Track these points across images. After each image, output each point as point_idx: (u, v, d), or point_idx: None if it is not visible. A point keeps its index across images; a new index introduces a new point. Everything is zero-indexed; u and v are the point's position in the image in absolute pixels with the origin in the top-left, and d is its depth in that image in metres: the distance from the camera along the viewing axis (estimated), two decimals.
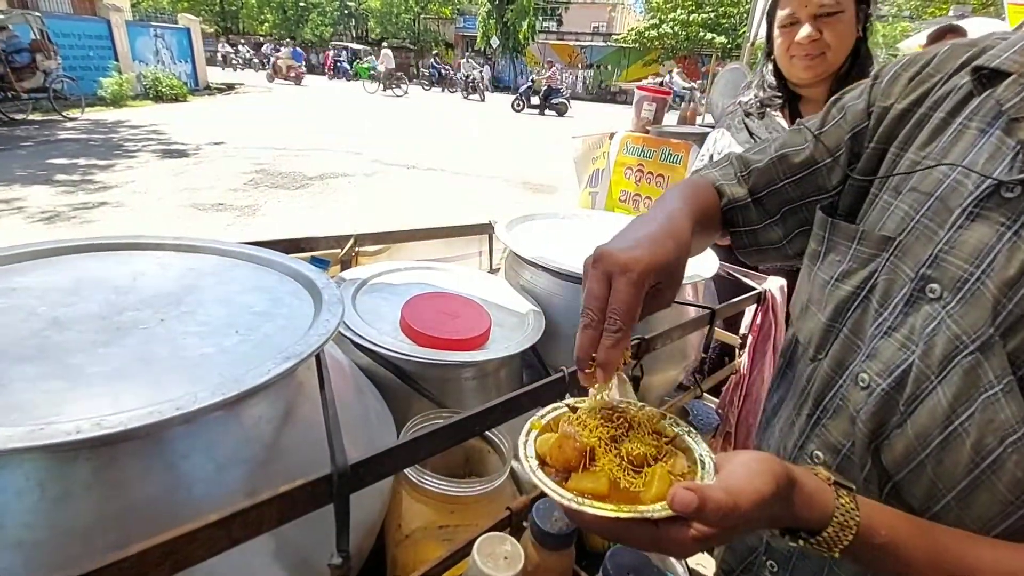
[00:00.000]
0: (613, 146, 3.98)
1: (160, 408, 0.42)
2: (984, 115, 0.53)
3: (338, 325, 0.60)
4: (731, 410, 1.31)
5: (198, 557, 0.38)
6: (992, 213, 0.48)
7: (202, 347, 0.55)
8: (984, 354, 0.46)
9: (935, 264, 0.51)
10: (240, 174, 6.93)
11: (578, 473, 0.43)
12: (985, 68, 0.52)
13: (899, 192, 0.58)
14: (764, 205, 0.73)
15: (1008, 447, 0.45)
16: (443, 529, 0.68)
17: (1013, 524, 0.46)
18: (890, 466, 0.54)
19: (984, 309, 0.47)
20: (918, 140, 0.58)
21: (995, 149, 0.50)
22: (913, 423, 0.51)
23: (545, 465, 0.45)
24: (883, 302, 0.56)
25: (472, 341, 0.92)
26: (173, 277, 0.69)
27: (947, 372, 0.49)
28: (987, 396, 0.46)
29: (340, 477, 0.44)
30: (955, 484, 0.49)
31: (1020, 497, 0.45)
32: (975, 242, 0.49)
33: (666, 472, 0.44)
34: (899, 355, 0.53)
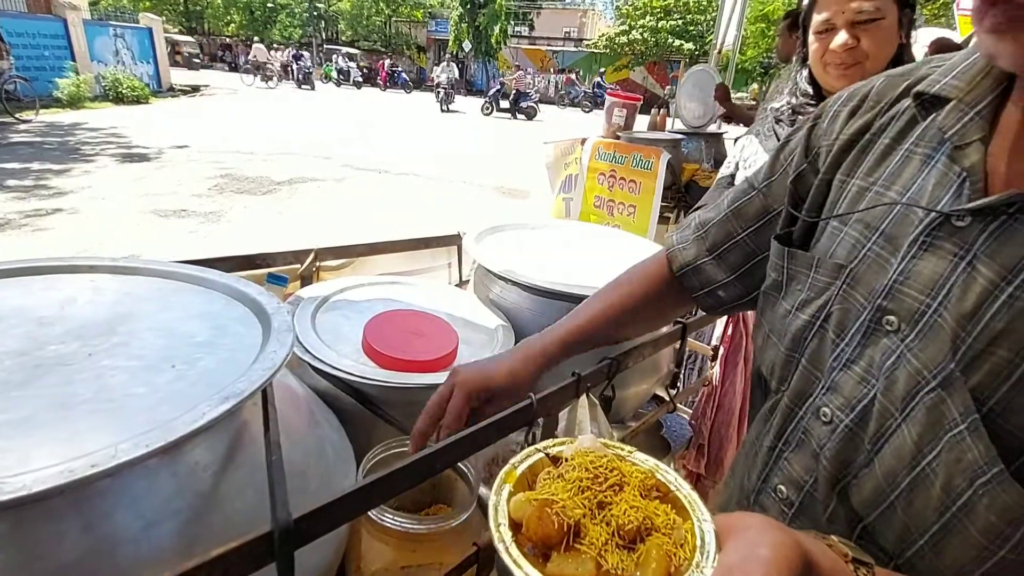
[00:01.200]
0: (585, 152, 3.98)
1: (72, 466, 0.38)
2: (929, 140, 0.52)
3: (287, 356, 0.55)
4: (704, 422, 1.30)
5: None
6: (944, 243, 0.47)
7: (132, 386, 0.50)
8: (946, 390, 0.44)
9: (891, 295, 0.50)
10: (204, 179, 6.74)
11: (560, 553, 0.38)
12: (926, 94, 0.52)
13: (847, 220, 0.57)
14: (726, 259, 0.73)
15: (978, 489, 0.42)
16: (405, 570, 0.64)
17: (989, 569, 0.44)
18: (860, 507, 0.52)
19: (943, 343, 0.45)
20: (864, 166, 0.57)
21: (942, 175, 0.49)
22: (880, 462, 0.49)
23: (520, 534, 0.39)
24: (839, 332, 0.54)
25: (438, 362, 0.89)
26: (107, 304, 0.64)
27: (911, 409, 0.47)
28: (953, 435, 0.44)
29: (282, 534, 0.40)
30: (927, 528, 0.47)
31: (994, 542, 0.43)
32: (930, 273, 0.47)
33: (663, 551, 0.38)
34: (859, 389, 0.52)
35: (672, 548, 0.38)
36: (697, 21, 25.79)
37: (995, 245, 0.44)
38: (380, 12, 33.44)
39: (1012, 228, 0.43)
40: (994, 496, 0.42)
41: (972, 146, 0.47)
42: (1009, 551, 0.42)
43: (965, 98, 0.49)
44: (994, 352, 0.43)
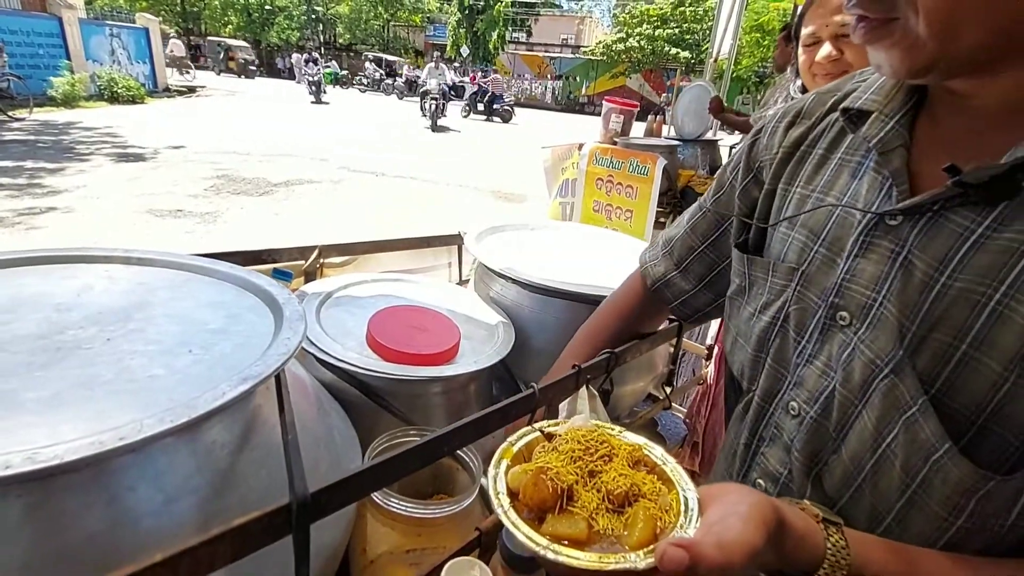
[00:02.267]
0: (583, 158, 4.02)
1: (101, 438, 0.39)
2: (857, 150, 0.57)
3: (300, 343, 0.57)
4: (698, 420, 1.32)
5: None
6: (882, 241, 0.51)
7: (151, 368, 0.52)
8: (898, 376, 0.48)
9: (841, 293, 0.54)
10: (201, 179, 6.73)
11: (554, 515, 0.41)
12: (852, 109, 0.56)
13: (793, 225, 0.61)
14: (691, 271, 0.81)
15: (933, 465, 0.46)
16: (410, 553, 0.65)
17: (951, 538, 0.47)
18: (832, 492, 0.55)
19: (891, 332, 0.49)
20: (803, 176, 0.62)
21: (872, 181, 0.54)
22: (846, 448, 0.53)
23: (517, 501, 0.42)
24: (799, 331, 0.58)
25: (440, 356, 0.91)
26: (121, 292, 0.65)
27: (868, 396, 0.50)
28: (907, 416, 0.47)
29: (300, 507, 0.42)
30: (892, 505, 0.50)
31: (952, 513, 0.46)
32: (872, 269, 0.51)
33: (649, 513, 0.42)
34: (821, 382, 0.55)
35: (658, 512, 0.42)
36: (693, 30, 26.03)
37: (925, 240, 0.48)
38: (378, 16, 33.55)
39: (938, 224, 0.47)
40: (947, 471, 0.45)
41: (895, 152, 0.52)
42: (965, 520, 0.46)
43: (884, 110, 0.54)
44: (935, 337, 0.47)
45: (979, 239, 0.45)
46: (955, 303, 0.46)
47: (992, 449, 0.44)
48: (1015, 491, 0.44)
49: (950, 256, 0.46)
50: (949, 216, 0.47)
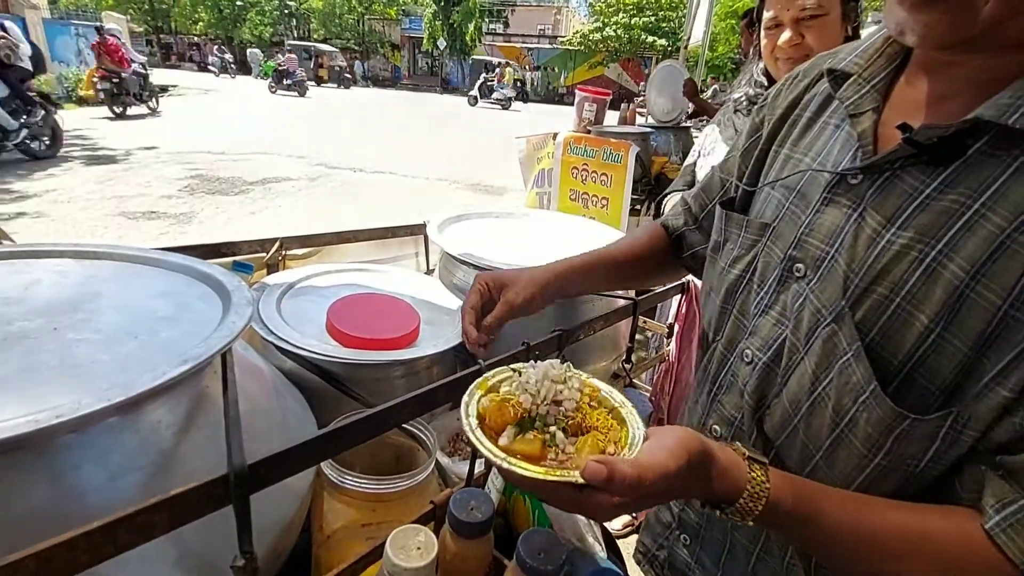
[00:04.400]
0: (557, 148, 4.04)
1: (38, 417, 0.41)
2: (839, 112, 0.60)
3: (245, 326, 0.59)
4: (662, 397, 1.36)
5: (82, 564, 0.37)
6: (842, 198, 0.54)
7: (96, 355, 0.53)
8: (838, 324, 0.52)
9: (799, 246, 0.57)
10: (174, 180, 6.62)
11: (514, 434, 0.48)
12: (836, 71, 0.59)
13: (775, 185, 0.64)
14: (704, 228, 0.83)
15: (859, 406, 0.50)
16: (366, 528, 0.68)
17: (869, 475, 0.51)
18: (770, 433, 0.60)
19: (837, 284, 0.52)
20: (792, 138, 0.65)
21: (844, 141, 0.57)
22: (787, 392, 0.57)
23: (484, 424, 0.48)
24: (761, 283, 0.62)
25: (400, 340, 0.93)
26: (71, 285, 0.66)
27: (811, 343, 0.54)
28: (842, 362, 0.51)
29: (238, 478, 0.44)
30: (821, 444, 0.54)
31: (872, 450, 0.50)
32: (829, 224, 0.55)
33: (596, 441, 0.48)
34: (775, 331, 0.59)
35: (606, 443, 0.48)
36: (669, 18, 26.09)
37: (880, 198, 0.51)
38: (352, 10, 33.08)
39: (893, 183, 0.51)
40: (871, 410, 0.49)
41: (865, 115, 0.55)
42: (883, 458, 0.50)
43: (863, 74, 0.57)
44: (875, 290, 0.50)
45: (925, 199, 0.48)
46: (895, 258, 0.49)
47: (916, 397, 0.48)
48: (930, 435, 0.47)
49: (897, 214, 0.50)
50: (903, 176, 0.50)
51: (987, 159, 0.46)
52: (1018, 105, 0.43)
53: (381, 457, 0.86)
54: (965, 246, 0.46)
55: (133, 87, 10.61)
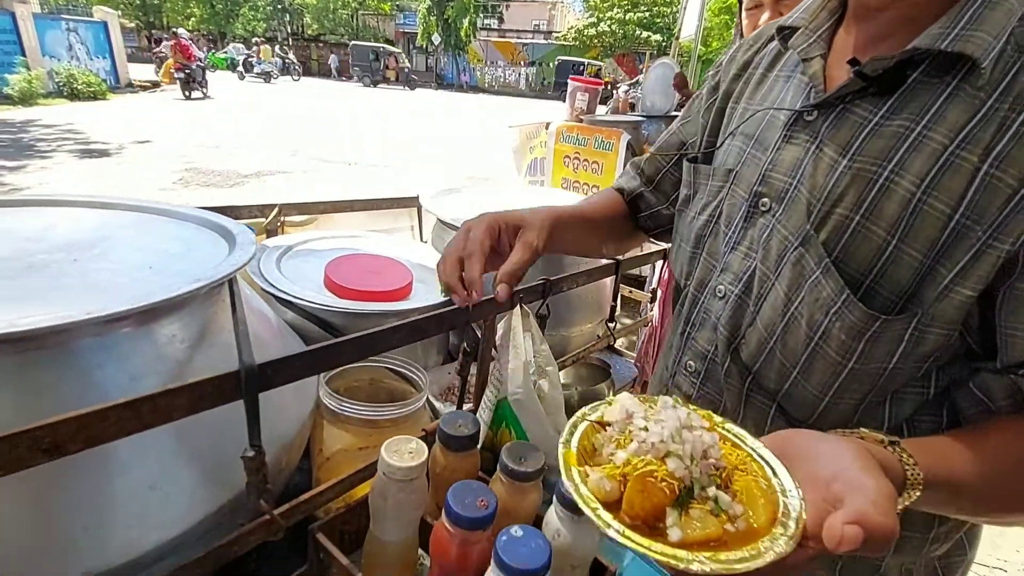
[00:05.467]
0: (550, 137, 4.09)
1: (71, 314, 0.46)
2: (788, 66, 0.67)
3: (250, 259, 0.64)
4: (647, 360, 1.42)
5: (109, 435, 0.42)
6: (800, 134, 0.60)
7: (114, 279, 0.58)
8: (805, 247, 0.57)
9: (764, 182, 0.63)
10: (169, 173, 6.64)
11: (679, 517, 0.38)
12: (786, 27, 0.66)
13: (735, 135, 0.70)
14: (660, 189, 0.87)
15: (831, 317, 0.55)
16: (362, 451, 0.73)
17: (843, 381, 0.57)
18: (748, 360, 0.65)
19: (801, 211, 0.58)
20: (746, 93, 0.72)
21: (796, 87, 0.64)
22: (761, 318, 0.62)
23: (618, 515, 0.38)
24: (728, 223, 0.68)
25: (394, 293, 0.98)
26: (86, 229, 0.71)
27: (781, 269, 0.60)
28: (812, 280, 0.56)
29: (248, 374, 0.49)
30: (798, 360, 0.60)
31: (845, 356, 0.55)
32: (790, 159, 0.61)
33: (756, 487, 0.40)
34: (744, 264, 0.65)
35: (763, 485, 0.40)
36: (663, 13, 26.14)
37: (834, 130, 0.57)
38: (347, 5, 32.94)
39: (844, 116, 0.57)
40: (844, 318, 0.54)
41: (815, 60, 0.61)
42: (855, 362, 0.56)
43: (810, 26, 0.64)
44: (836, 212, 0.56)
45: (875, 127, 0.54)
46: (853, 181, 0.55)
47: (878, 306, 0.53)
48: (896, 336, 0.53)
49: (851, 142, 0.56)
50: (852, 109, 0.56)
51: (924, 87, 0.52)
52: (947, 34, 0.49)
53: (377, 399, 0.91)
54: (913, 164, 0.51)
55: (198, 76, 13.98)
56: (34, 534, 0.46)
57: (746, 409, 0.67)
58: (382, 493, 0.59)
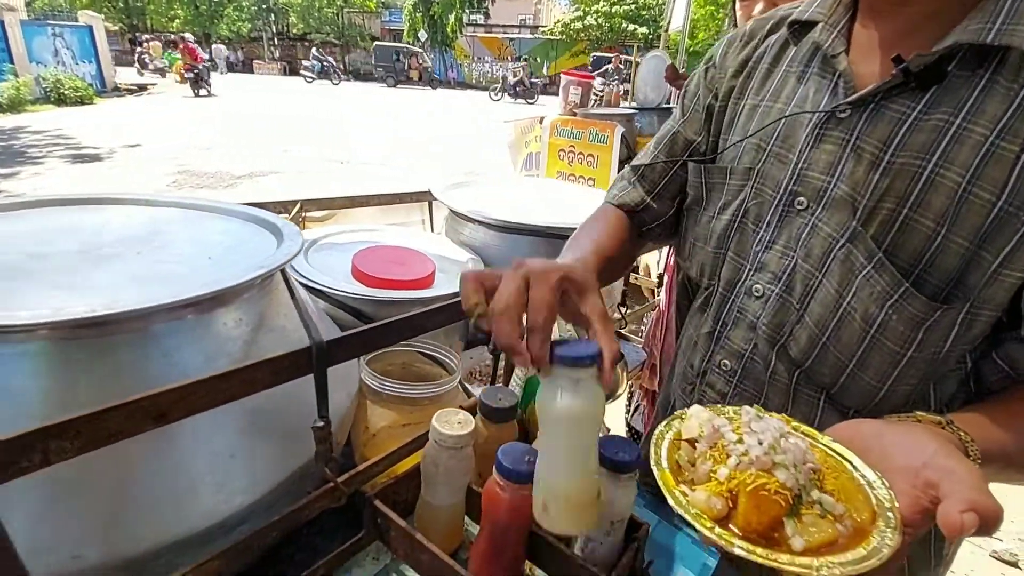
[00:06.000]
0: (544, 131, 4.14)
1: (157, 297, 0.51)
2: (800, 60, 0.67)
3: (300, 249, 0.69)
4: (655, 344, 1.48)
5: (204, 404, 0.47)
6: (833, 132, 0.61)
7: (178, 269, 0.63)
8: (852, 243, 0.59)
9: (799, 181, 0.64)
10: (161, 176, 6.63)
11: (792, 527, 0.39)
12: (798, 21, 0.67)
13: (746, 132, 0.70)
14: (664, 197, 0.82)
15: (888, 309, 0.57)
16: (405, 427, 0.78)
17: (902, 369, 0.59)
18: (798, 357, 0.66)
19: (845, 208, 0.59)
20: (751, 88, 0.72)
21: (818, 84, 0.64)
22: (810, 316, 0.63)
23: (730, 529, 0.39)
24: (757, 223, 0.68)
25: (419, 282, 1.03)
26: (139, 224, 0.75)
27: (827, 266, 0.61)
28: (864, 275, 0.58)
29: (318, 350, 0.54)
30: (854, 353, 0.61)
31: (904, 346, 0.58)
32: (826, 158, 0.61)
33: (851, 483, 0.42)
34: (783, 262, 0.65)
35: (849, 478, 0.43)
36: (649, 5, 26.16)
37: (871, 127, 0.58)
38: (332, 3, 32.70)
39: (879, 112, 0.58)
40: (903, 310, 0.56)
41: (840, 56, 0.62)
42: (914, 350, 0.58)
43: (829, 20, 0.64)
44: (883, 206, 0.57)
45: (914, 122, 0.55)
46: (898, 176, 0.56)
47: (927, 293, 0.55)
48: (952, 321, 0.56)
49: (891, 138, 0.56)
50: (888, 105, 0.57)
51: (960, 81, 0.53)
52: (990, 28, 0.50)
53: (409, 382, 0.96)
54: (958, 156, 0.53)
55: (205, 75, 15.83)
56: (131, 500, 0.51)
57: (794, 403, 0.68)
58: (434, 460, 0.64)
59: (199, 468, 0.54)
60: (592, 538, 0.66)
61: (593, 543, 0.66)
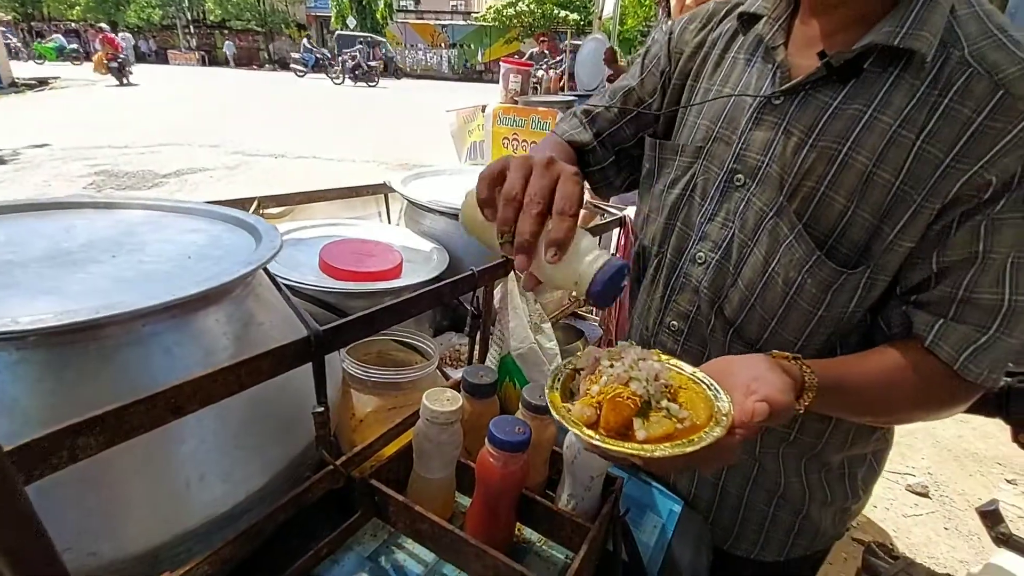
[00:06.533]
0: (487, 119, 4.16)
1: (160, 296, 0.52)
2: (747, 48, 0.75)
3: (280, 246, 0.70)
4: (610, 321, 1.57)
5: (218, 395, 0.49)
6: (768, 117, 0.69)
7: (163, 268, 0.63)
8: (779, 217, 0.68)
9: (738, 160, 0.72)
10: (76, 178, 6.15)
11: (643, 423, 0.50)
12: (746, 13, 0.75)
13: (699, 113, 0.79)
14: (605, 145, 0.91)
15: (804, 273, 0.66)
16: (390, 412, 0.82)
17: (813, 326, 0.69)
18: (731, 316, 0.75)
19: (775, 185, 0.68)
20: (705, 72, 0.80)
21: (760, 72, 0.72)
22: (743, 280, 0.72)
23: (598, 429, 0.50)
24: (703, 196, 0.77)
25: (387, 272, 1.06)
26: (105, 228, 0.74)
27: (758, 236, 0.70)
28: (786, 244, 0.67)
29: (316, 338, 0.57)
30: (775, 312, 0.71)
31: (815, 306, 0.67)
32: (762, 139, 0.70)
33: (698, 396, 0.53)
34: (722, 233, 0.74)
35: (696, 392, 0.54)
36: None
37: (799, 113, 0.67)
38: None
39: (807, 101, 0.66)
40: (815, 274, 0.66)
41: (779, 48, 0.70)
42: (824, 310, 0.68)
43: (772, 14, 0.72)
44: (805, 185, 0.66)
45: (835, 111, 0.63)
46: (819, 158, 0.64)
47: (839, 260, 0.64)
48: (855, 285, 0.65)
49: (815, 124, 0.64)
50: (815, 95, 0.65)
51: (873, 76, 0.62)
52: (898, 32, 0.59)
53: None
54: (867, 142, 0.61)
55: (127, 65, 16.85)
56: (144, 495, 0.52)
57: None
58: (426, 436, 0.68)
59: (207, 459, 0.56)
60: (574, 495, 0.73)
61: (575, 499, 0.73)
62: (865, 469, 0.87)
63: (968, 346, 0.61)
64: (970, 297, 0.61)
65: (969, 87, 0.57)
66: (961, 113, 0.58)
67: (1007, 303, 0.60)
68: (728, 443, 0.50)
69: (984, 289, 0.60)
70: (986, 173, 0.57)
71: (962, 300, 0.61)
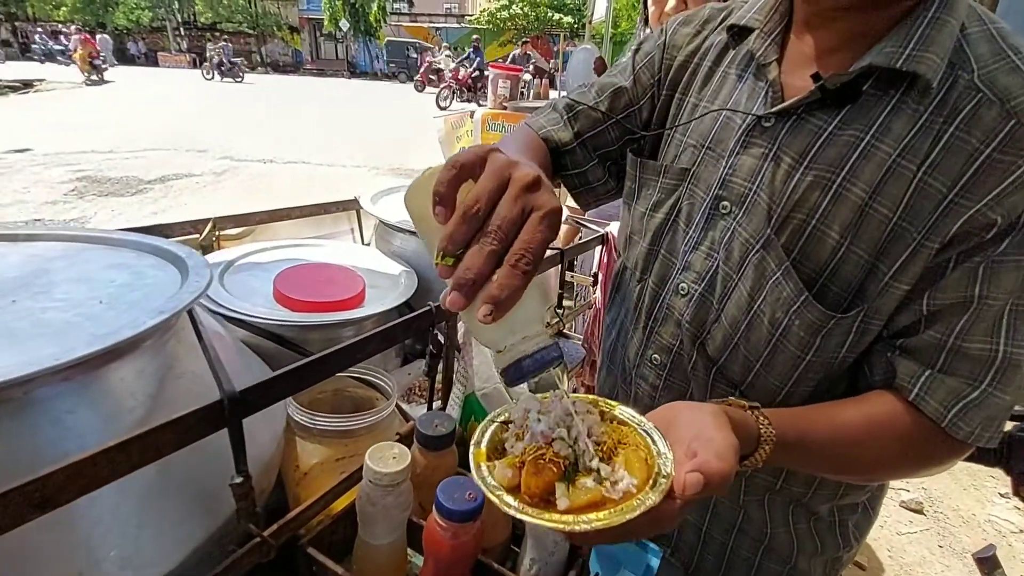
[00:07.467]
0: (476, 125, 4.10)
1: (38, 360, 0.45)
2: (739, 63, 0.69)
3: (208, 284, 0.63)
4: (593, 341, 1.50)
5: (102, 480, 0.42)
6: (758, 140, 0.63)
7: (66, 317, 0.56)
8: (766, 250, 0.61)
9: (724, 186, 0.65)
10: (57, 184, 6.03)
11: (565, 492, 0.43)
12: (736, 26, 0.68)
13: (686, 132, 0.72)
14: (587, 146, 0.81)
15: (792, 315, 0.60)
16: (339, 462, 0.74)
17: (801, 372, 0.62)
18: (714, 354, 0.68)
19: (762, 215, 0.61)
20: (695, 86, 0.73)
21: (751, 90, 0.66)
22: (726, 315, 0.66)
23: (519, 496, 0.43)
24: (688, 223, 0.70)
25: (348, 302, 0.98)
26: (14, 265, 0.67)
27: (744, 269, 0.63)
28: (773, 281, 0.60)
29: (231, 401, 0.50)
30: (760, 354, 0.64)
31: (804, 350, 0.61)
32: (750, 164, 0.63)
33: (636, 456, 0.45)
34: (706, 263, 0.68)
35: (640, 452, 0.46)
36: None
37: (791, 138, 0.60)
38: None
39: (800, 125, 0.60)
40: (803, 316, 0.59)
41: (771, 65, 0.63)
42: (813, 355, 0.61)
43: (764, 28, 0.65)
44: (795, 217, 0.60)
45: (829, 136, 0.57)
46: (810, 188, 0.58)
47: (830, 301, 0.58)
48: (847, 329, 0.58)
49: (807, 150, 0.58)
50: (808, 119, 0.58)
51: (873, 100, 0.55)
52: (900, 52, 0.52)
53: (343, 409, 0.92)
54: (864, 172, 0.55)
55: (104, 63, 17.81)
56: None
57: (711, 397, 0.70)
58: (370, 499, 0.61)
59: (103, 544, 0.48)
60: (537, 559, 0.66)
61: (538, 563, 0.66)
62: (859, 516, 0.80)
63: (957, 401, 0.55)
64: (961, 346, 0.55)
65: (978, 114, 0.51)
66: (968, 143, 0.51)
67: (1001, 355, 0.54)
68: (667, 510, 0.42)
69: (977, 338, 0.54)
70: (991, 212, 0.51)
71: (952, 349, 0.55)
